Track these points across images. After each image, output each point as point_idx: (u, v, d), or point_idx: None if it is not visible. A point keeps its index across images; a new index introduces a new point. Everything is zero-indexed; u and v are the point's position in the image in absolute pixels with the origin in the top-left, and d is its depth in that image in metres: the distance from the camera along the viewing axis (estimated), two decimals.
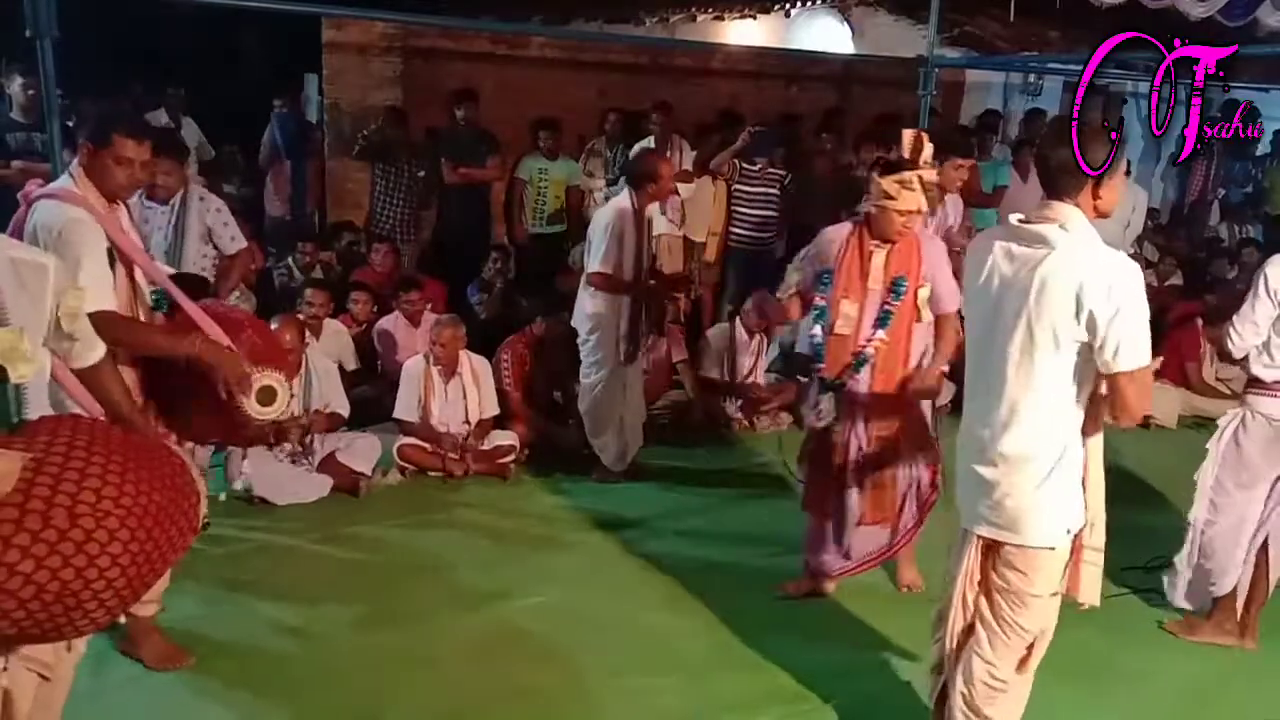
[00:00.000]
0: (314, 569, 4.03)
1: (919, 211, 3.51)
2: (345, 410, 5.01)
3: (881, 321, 3.49)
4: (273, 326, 4.19)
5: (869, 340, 3.55)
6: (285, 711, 3.09)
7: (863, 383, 3.58)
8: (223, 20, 7.61)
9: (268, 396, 2.94)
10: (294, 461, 4.66)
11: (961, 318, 2.84)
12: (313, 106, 7.72)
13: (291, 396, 3.10)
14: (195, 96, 7.47)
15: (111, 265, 2.82)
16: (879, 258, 3.54)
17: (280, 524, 4.33)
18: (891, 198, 3.43)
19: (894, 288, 3.50)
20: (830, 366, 3.62)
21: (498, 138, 7.10)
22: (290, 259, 6.38)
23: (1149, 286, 8.35)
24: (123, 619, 3.14)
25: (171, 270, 3.41)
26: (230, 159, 7.74)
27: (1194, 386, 6.58)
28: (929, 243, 3.67)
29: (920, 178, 3.42)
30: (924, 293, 3.55)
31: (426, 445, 4.95)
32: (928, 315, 3.59)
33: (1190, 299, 6.99)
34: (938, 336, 3.68)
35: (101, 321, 2.72)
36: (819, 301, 3.65)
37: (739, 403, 6.02)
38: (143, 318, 2.97)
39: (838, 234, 3.66)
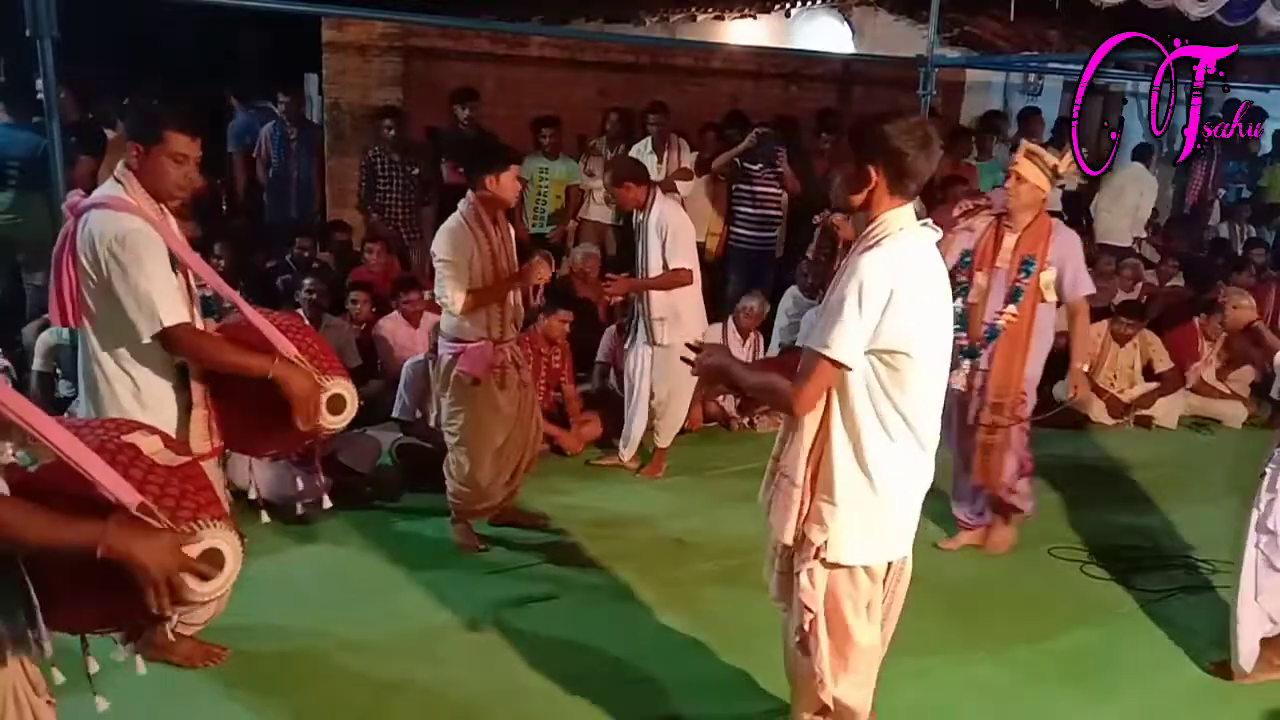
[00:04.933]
0: (313, 569, 4.03)
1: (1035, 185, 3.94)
2: None
3: (1013, 297, 3.97)
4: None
5: (1000, 313, 4.02)
6: (285, 711, 3.08)
7: (986, 356, 4.07)
8: (222, 20, 7.61)
9: (338, 405, 2.89)
10: (294, 462, 4.65)
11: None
12: (313, 106, 7.72)
13: (360, 403, 3.05)
14: (195, 96, 7.46)
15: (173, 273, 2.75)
16: (1009, 240, 4.03)
17: (279, 524, 4.32)
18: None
19: (1023, 267, 3.97)
20: (970, 336, 4.07)
21: (498, 137, 7.09)
22: (289, 257, 6.38)
23: (1150, 287, 8.33)
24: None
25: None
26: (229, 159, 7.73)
27: (1194, 387, 6.58)
28: (1060, 231, 4.10)
29: (1035, 151, 3.95)
30: (1046, 276, 3.99)
31: (427, 444, 4.95)
32: (1051, 296, 4.04)
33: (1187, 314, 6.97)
34: (1072, 331, 4.24)
35: (180, 335, 2.69)
36: (960, 279, 4.07)
37: (738, 402, 6.03)
38: (199, 325, 2.89)
39: (980, 225, 4.16)
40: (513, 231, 4.17)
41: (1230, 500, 5.17)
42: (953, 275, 4.08)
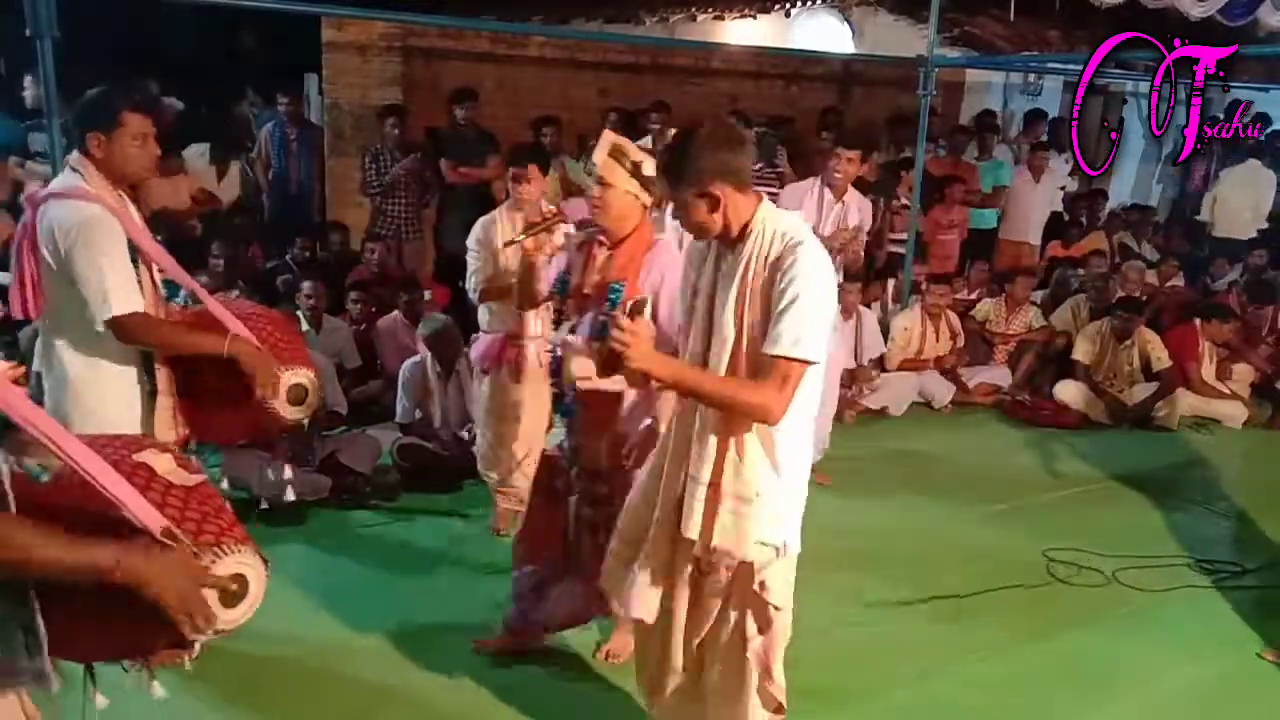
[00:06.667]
0: (312, 570, 4.02)
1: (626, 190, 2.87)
2: (344, 409, 5.00)
3: (598, 333, 2.67)
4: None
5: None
6: (283, 712, 3.08)
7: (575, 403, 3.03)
8: (222, 20, 7.61)
9: (298, 394, 2.87)
10: (294, 462, 4.65)
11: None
12: (312, 107, 7.72)
13: (321, 393, 3.05)
14: (196, 96, 7.47)
15: (133, 262, 2.74)
16: (601, 257, 2.99)
17: (279, 525, 4.33)
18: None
19: (609, 294, 2.86)
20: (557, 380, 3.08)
21: (497, 137, 7.10)
22: (288, 257, 6.38)
23: (1150, 287, 8.35)
24: None
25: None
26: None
27: (1194, 386, 6.58)
28: (662, 249, 2.97)
29: (620, 148, 2.87)
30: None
31: (427, 444, 4.95)
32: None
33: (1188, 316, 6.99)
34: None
35: (134, 323, 2.69)
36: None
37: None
38: (162, 312, 2.89)
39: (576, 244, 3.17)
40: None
41: (1230, 501, 5.18)
42: (558, 312, 3.17)
